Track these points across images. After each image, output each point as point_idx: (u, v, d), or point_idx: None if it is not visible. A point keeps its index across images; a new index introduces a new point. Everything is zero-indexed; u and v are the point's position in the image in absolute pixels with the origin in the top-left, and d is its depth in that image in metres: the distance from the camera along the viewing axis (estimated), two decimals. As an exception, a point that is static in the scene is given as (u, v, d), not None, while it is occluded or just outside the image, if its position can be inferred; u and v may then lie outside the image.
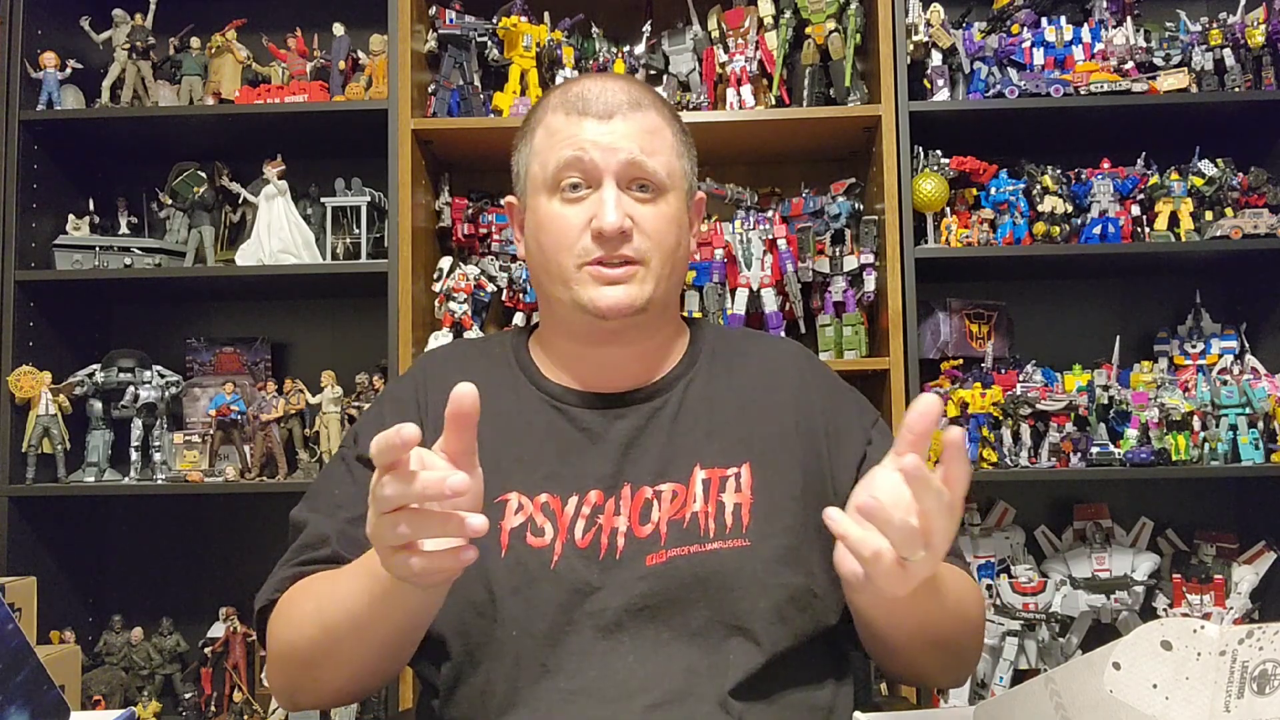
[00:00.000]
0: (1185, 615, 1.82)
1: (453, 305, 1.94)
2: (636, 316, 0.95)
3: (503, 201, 1.07)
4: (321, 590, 0.88)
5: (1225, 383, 1.90)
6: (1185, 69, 1.94)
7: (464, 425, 0.68)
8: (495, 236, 2.05)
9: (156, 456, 2.02)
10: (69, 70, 2.03)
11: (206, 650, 2.05)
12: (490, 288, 2.01)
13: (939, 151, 1.97)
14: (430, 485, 0.64)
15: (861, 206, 1.99)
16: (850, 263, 1.97)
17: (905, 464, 0.64)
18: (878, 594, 0.70)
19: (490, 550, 0.91)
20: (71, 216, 2.09)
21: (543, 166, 0.97)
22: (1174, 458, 1.87)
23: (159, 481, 2.00)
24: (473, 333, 1.95)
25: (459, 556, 0.68)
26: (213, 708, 2.05)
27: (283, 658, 0.90)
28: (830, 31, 1.97)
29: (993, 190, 1.98)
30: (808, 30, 1.99)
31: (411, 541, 0.67)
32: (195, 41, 2.12)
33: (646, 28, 2.10)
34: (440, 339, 1.94)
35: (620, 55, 2.06)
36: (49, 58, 2.01)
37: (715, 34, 2.06)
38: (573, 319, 0.98)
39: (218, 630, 2.05)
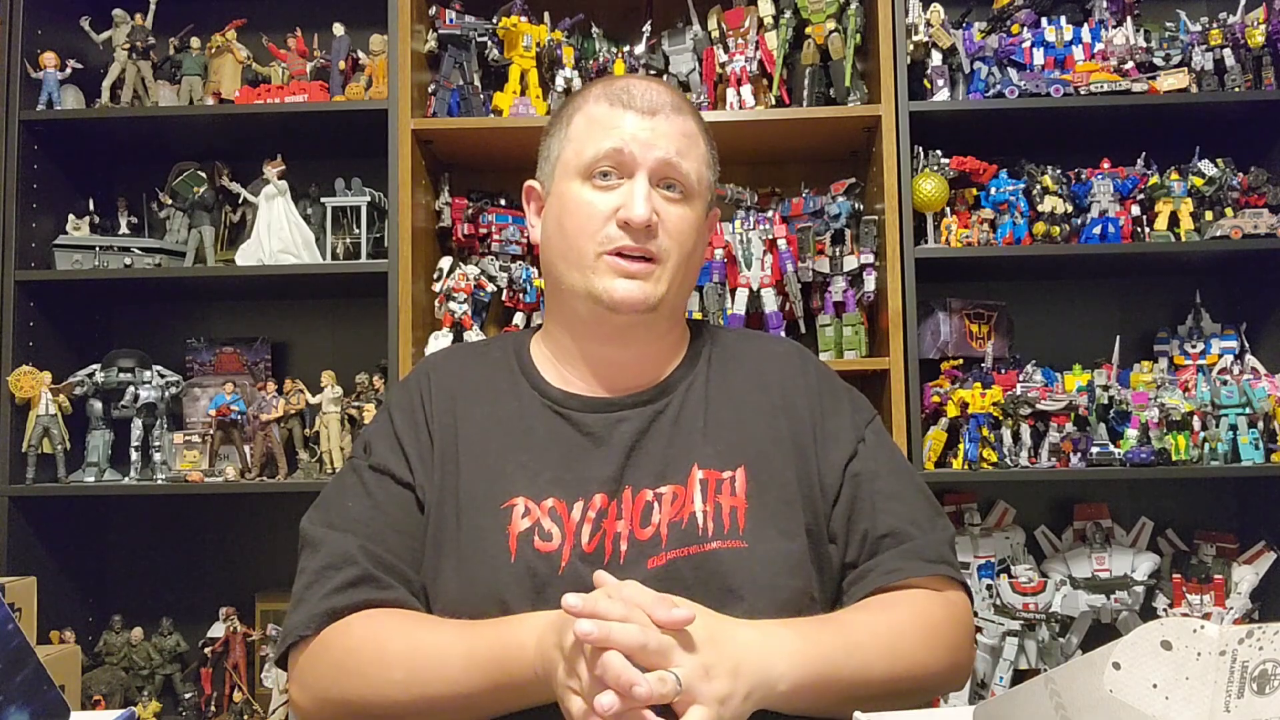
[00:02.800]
0: (1185, 615, 1.82)
1: (453, 305, 1.94)
2: (646, 314, 0.96)
3: (525, 184, 1.08)
4: (409, 654, 0.86)
5: (1225, 383, 1.90)
6: (1185, 69, 1.94)
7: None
8: (495, 236, 2.05)
9: (156, 456, 2.02)
10: (69, 70, 2.03)
11: (206, 650, 2.05)
12: (490, 288, 2.01)
13: (939, 151, 1.97)
14: None
15: (861, 206, 2.00)
16: (850, 263, 1.97)
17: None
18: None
19: (499, 556, 0.91)
20: (71, 216, 2.09)
21: (578, 153, 0.98)
22: (1174, 458, 1.87)
23: (159, 481, 2.00)
24: (473, 333, 1.95)
25: None
26: (213, 708, 2.05)
27: (341, 705, 0.88)
28: (830, 31, 1.98)
29: (993, 190, 1.98)
30: (808, 30, 1.99)
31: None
32: (195, 41, 2.12)
33: (646, 28, 2.10)
34: (440, 339, 1.94)
35: (620, 55, 2.06)
36: (49, 58, 2.01)
37: (715, 34, 2.06)
38: (583, 310, 0.98)
39: (218, 630, 2.05)
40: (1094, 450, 1.88)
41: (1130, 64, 1.96)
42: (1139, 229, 1.97)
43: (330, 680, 0.88)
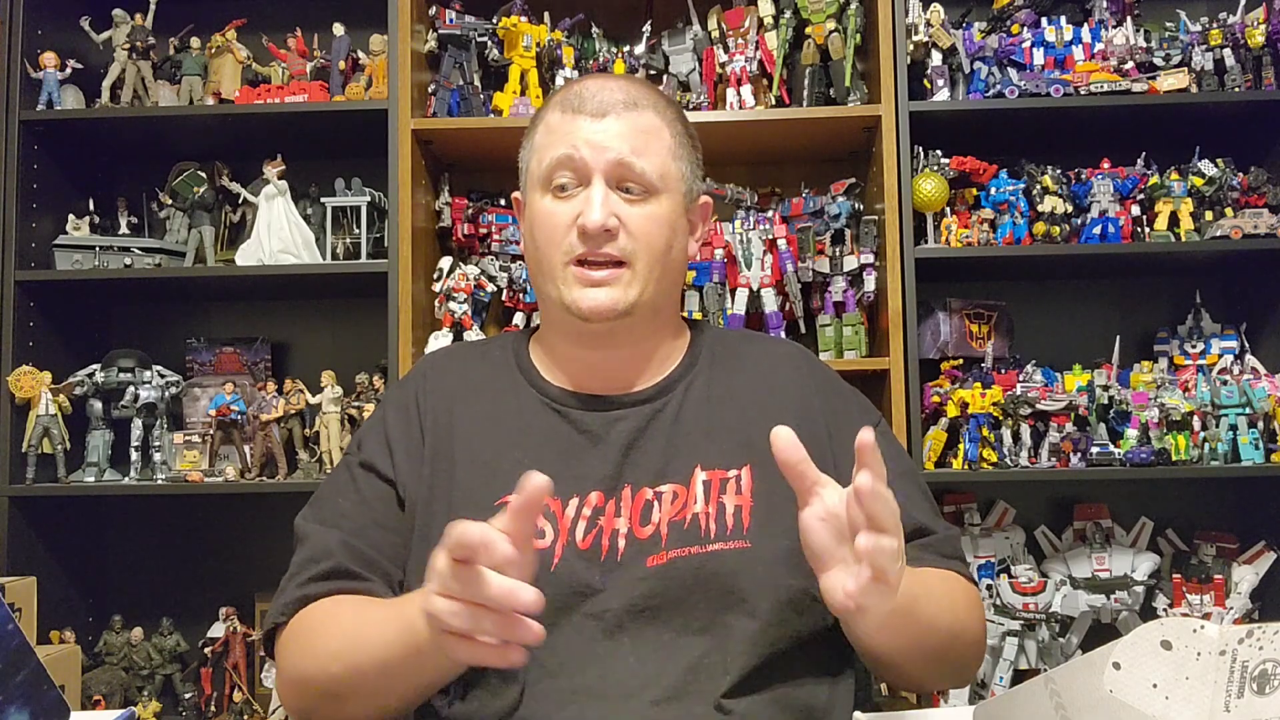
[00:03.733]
0: (1185, 615, 1.82)
1: (453, 305, 1.94)
2: (622, 320, 0.96)
3: (512, 197, 1.09)
4: (348, 629, 0.87)
5: (1225, 383, 1.90)
6: (1185, 69, 1.94)
7: (529, 515, 0.69)
8: (495, 236, 2.05)
9: (156, 456, 2.02)
10: (69, 70, 2.03)
11: (206, 650, 2.05)
12: (490, 288, 2.01)
13: (939, 151, 1.97)
14: (502, 596, 0.66)
15: (861, 206, 1.99)
16: (850, 263, 1.97)
17: (860, 483, 0.68)
18: (868, 620, 0.72)
19: None
20: (71, 216, 2.09)
21: (539, 163, 0.98)
22: (1174, 458, 1.87)
23: (159, 481, 2.00)
24: (473, 333, 1.95)
25: (507, 656, 0.69)
26: (213, 708, 2.05)
27: (301, 684, 0.91)
28: (830, 31, 1.97)
29: (993, 190, 1.98)
30: (808, 30, 1.99)
31: (483, 635, 0.68)
32: (195, 41, 2.12)
33: (646, 28, 2.10)
34: (440, 339, 1.94)
35: (620, 55, 2.06)
36: (49, 58, 2.01)
37: (715, 34, 2.06)
38: (563, 319, 0.98)
39: (218, 630, 2.05)
40: (1094, 450, 1.88)
41: (1130, 64, 1.96)
42: (1139, 229, 1.97)
43: (294, 661, 0.91)
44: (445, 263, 1.99)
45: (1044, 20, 2.03)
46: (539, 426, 0.98)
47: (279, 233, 2.02)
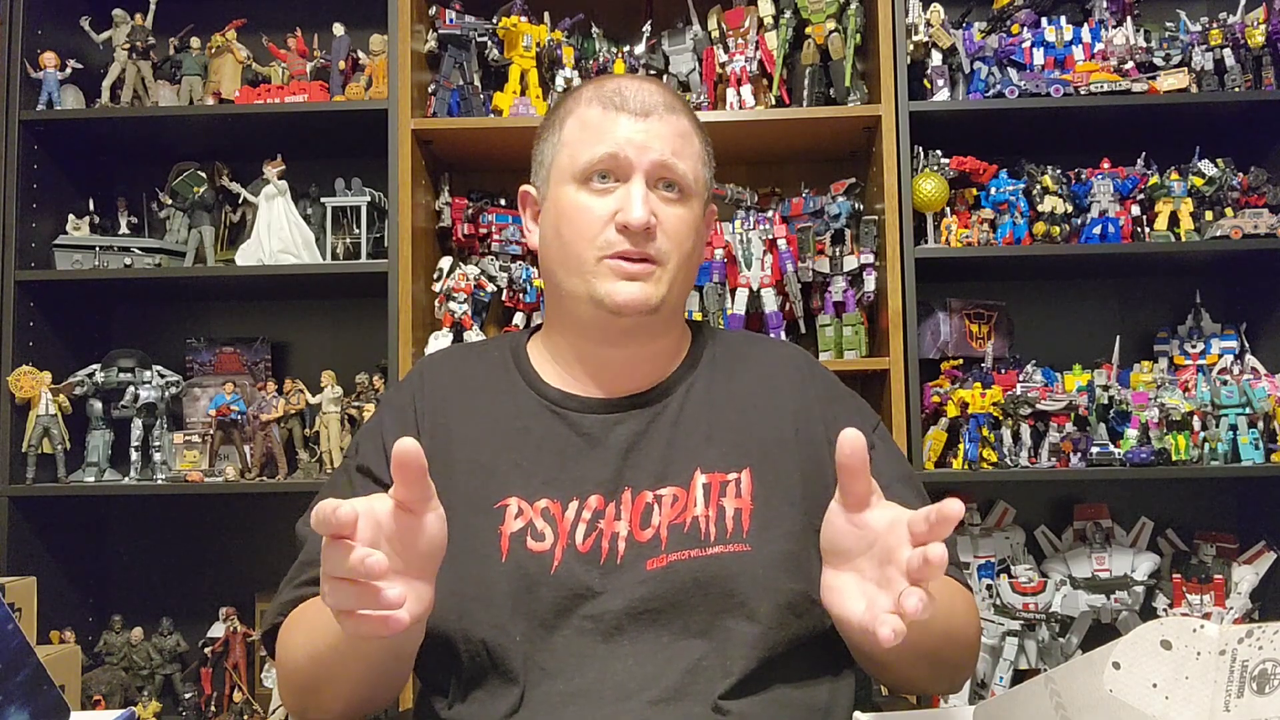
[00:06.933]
0: (1185, 615, 1.82)
1: (453, 305, 1.94)
2: (648, 316, 0.96)
3: (520, 189, 1.08)
4: (310, 620, 0.89)
5: (1225, 383, 1.90)
6: (1185, 69, 1.94)
7: (411, 477, 0.69)
8: (495, 236, 2.05)
9: (156, 456, 2.02)
10: (69, 70, 2.03)
11: (206, 650, 2.05)
12: (490, 288, 2.01)
13: (939, 151, 1.97)
14: (355, 567, 0.65)
15: (861, 206, 2.00)
16: (850, 263, 1.97)
17: (931, 555, 0.64)
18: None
19: (490, 555, 0.91)
20: (71, 216, 2.09)
21: (572, 158, 0.97)
22: (1174, 458, 1.87)
23: (159, 481, 2.00)
24: (473, 333, 1.95)
25: (386, 623, 0.68)
26: (213, 708, 2.05)
27: (287, 680, 0.92)
28: (830, 31, 1.98)
29: (993, 190, 1.98)
30: (808, 30, 1.99)
31: (350, 608, 0.68)
32: (195, 41, 2.12)
33: (646, 28, 2.10)
34: (440, 339, 1.94)
35: (620, 55, 2.06)
36: (49, 58, 2.01)
37: (715, 34, 2.06)
38: (584, 314, 0.97)
39: (218, 630, 2.05)
40: (1094, 450, 1.88)
41: (1130, 64, 1.96)
42: (1139, 229, 1.97)
43: (280, 658, 0.93)
44: (445, 263, 1.99)
45: (1044, 20, 2.03)
46: (538, 429, 0.98)
47: (279, 233, 2.02)
